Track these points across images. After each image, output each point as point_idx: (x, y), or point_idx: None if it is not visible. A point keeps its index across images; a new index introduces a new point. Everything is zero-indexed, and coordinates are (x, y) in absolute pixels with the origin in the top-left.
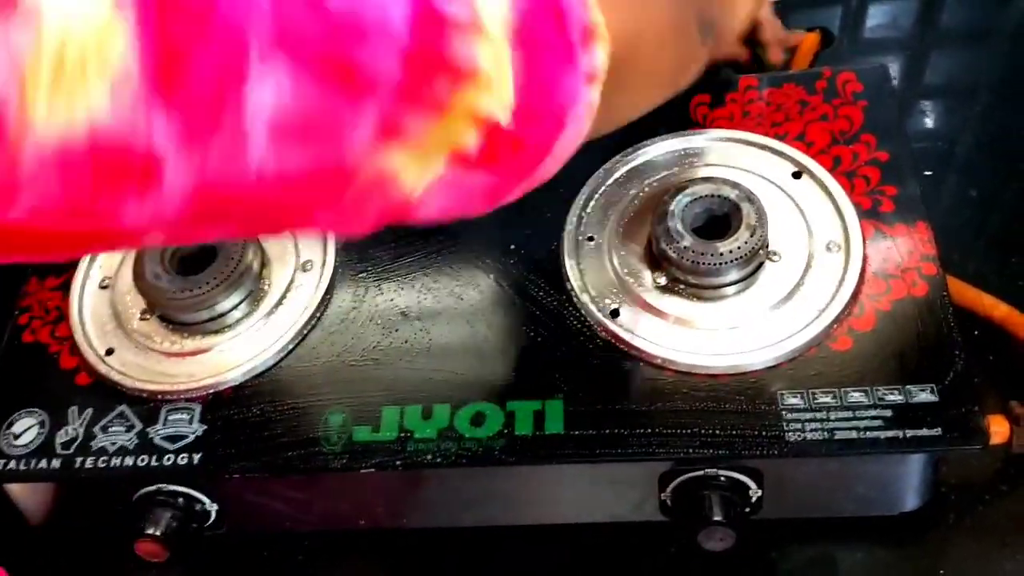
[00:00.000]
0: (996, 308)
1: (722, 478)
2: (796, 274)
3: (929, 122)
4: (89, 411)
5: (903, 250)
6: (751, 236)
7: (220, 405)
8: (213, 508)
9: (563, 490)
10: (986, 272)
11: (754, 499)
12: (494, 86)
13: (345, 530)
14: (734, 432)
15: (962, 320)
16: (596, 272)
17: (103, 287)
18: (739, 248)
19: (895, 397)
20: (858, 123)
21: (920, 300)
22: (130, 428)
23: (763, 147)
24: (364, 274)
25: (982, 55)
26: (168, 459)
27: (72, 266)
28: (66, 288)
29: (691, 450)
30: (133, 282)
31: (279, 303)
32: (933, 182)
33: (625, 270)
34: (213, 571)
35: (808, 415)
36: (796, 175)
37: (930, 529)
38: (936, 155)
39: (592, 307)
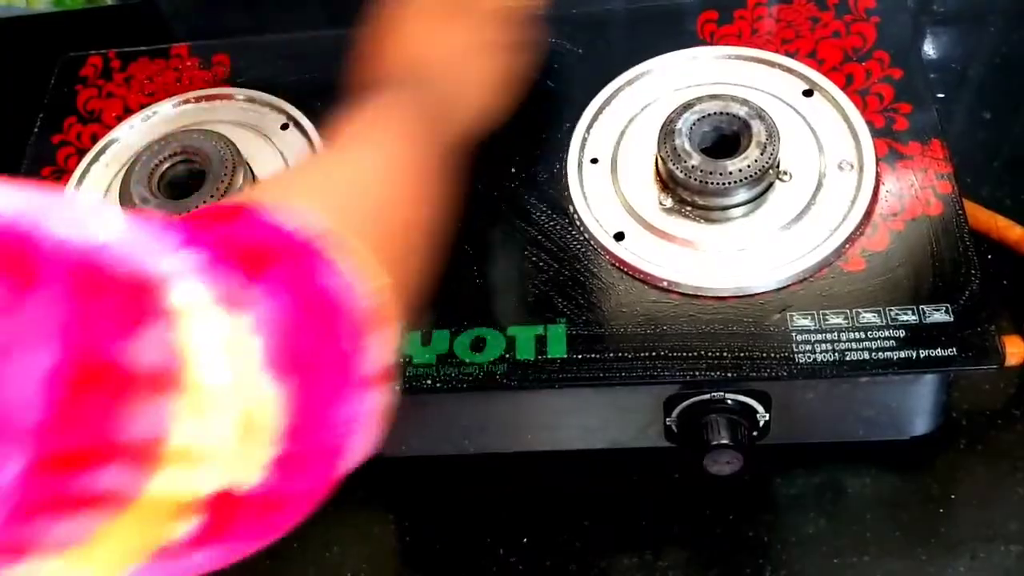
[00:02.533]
0: (1011, 230)
1: (729, 401)
2: (807, 194)
3: (942, 45)
4: None
5: (917, 168)
6: (761, 154)
7: None
8: None
9: (566, 416)
10: (1000, 195)
11: (761, 423)
12: (208, 456)
13: None
14: (742, 354)
15: (976, 242)
16: (600, 194)
17: None
18: (749, 167)
19: (908, 317)
20: (871, 40)
21: (935, 219)
22: None
23: (773, 64)
24: None
25: None
26: None
27: None
28: None
29: (697, 373)
30: (120, 207)
31: None
32: (947, 105)
33: (630, 192)
34: None
35: (819, 336)
36: (807, 93)
37: (941, 454)
38: (949, 78)
39: (596, 230)
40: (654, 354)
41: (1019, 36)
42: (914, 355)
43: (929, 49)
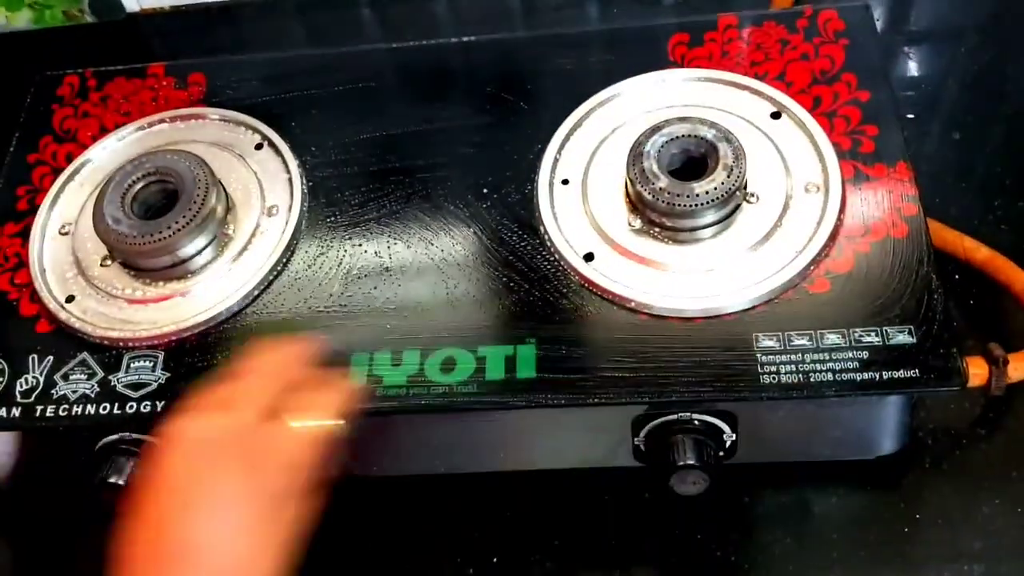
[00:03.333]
0: (977, 251)
1: (696, 422)
2: (773, 216)
3: (913, 65)
4: (49, 359)
5: (883, 191)
6: (728, 176)
7: (184, 352)
8: None
9: (535, 436)
10: (969, 216)
11: (728, 443)
12: None
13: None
14: (708, 375)
15: (942, 263)
16: (570, 215)
17: (63, 233)
18: (716, 189)
19: (872, 339)
20: (839, 62)
21: (900, 241)
22: (92, 376)
23: (741, 87)
24: (332, 219)
25: None
26: (131, 407)
27: (31, 212)
28: (25, 235)
29: (664, 394)
30: (93, 227)
31: (244, 249)
32: (916, 125)
33: (600, 213)
34: None
35: (783, 357)
36: (775, 115)
37: (906, 473)
38: (919, 98)
39: (566, 250)
40: (622, 375)
41: (990, 56)
42: (877, 376)
43: (901, 68)
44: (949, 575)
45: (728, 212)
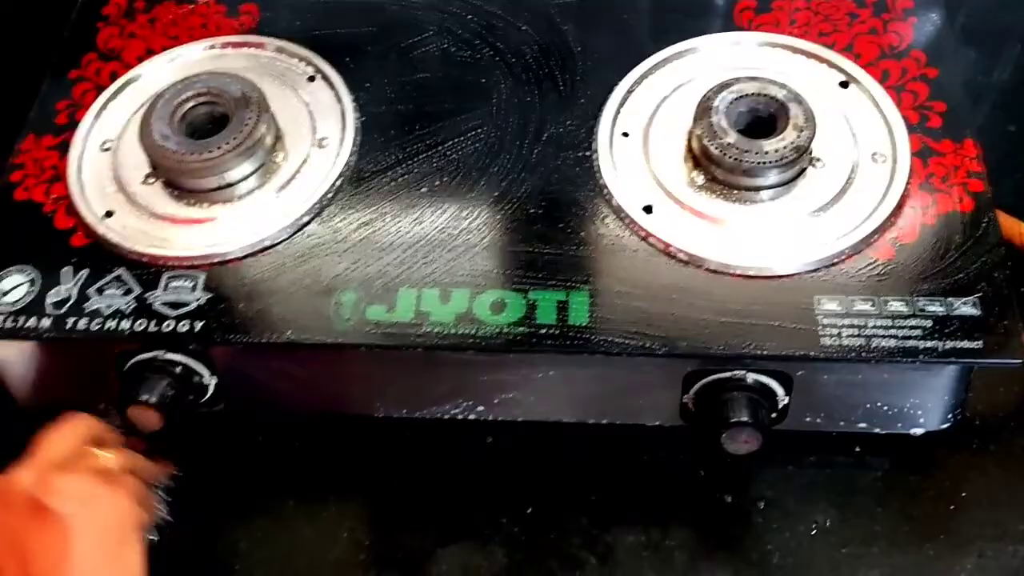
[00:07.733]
0: None
1: (750, 381)
2: (839, 182)
3: (968, 56)
4: (84, 272)
5: (950, 166)
6: (798, 137)
7: (226, 275)
8: (212, 382)
9: (581, 386)
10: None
11: (780, 405)
12: None
13: (348, 416)
14: (767, 332)
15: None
16: (630, 167)
17: (104, 149)
18: (785, 147)
19: (936, 308)
20: (908, 39)
21: (966, 216)
22: (128, 292)
23: (810, 54)
24: (385, 155)
25: None
26: (168, 325)
27: (70, 127)
28: (64, 148)
29: (720, 348)
30: (139, 142)
31: (292, 179)
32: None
33: (660, 167)
34: (206, 451)
35: (845, 320)
36: (843, 84)
37: (954, 453)
38: (974, 89)
39: (625, 201)
40: (677, 327)
41: None
42: (940, 346)
43: None
44: (992, 555)
45: (794, 174)
